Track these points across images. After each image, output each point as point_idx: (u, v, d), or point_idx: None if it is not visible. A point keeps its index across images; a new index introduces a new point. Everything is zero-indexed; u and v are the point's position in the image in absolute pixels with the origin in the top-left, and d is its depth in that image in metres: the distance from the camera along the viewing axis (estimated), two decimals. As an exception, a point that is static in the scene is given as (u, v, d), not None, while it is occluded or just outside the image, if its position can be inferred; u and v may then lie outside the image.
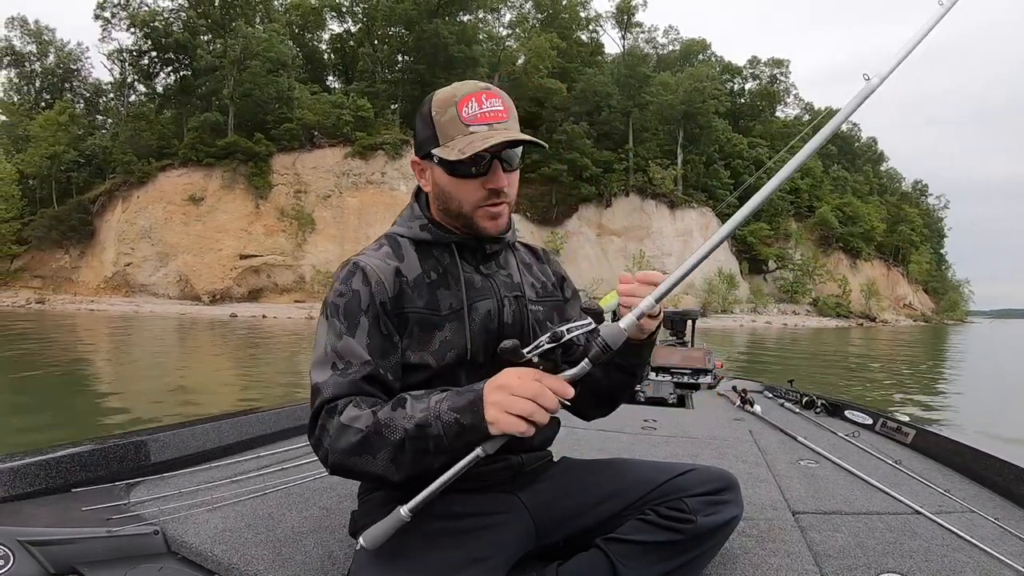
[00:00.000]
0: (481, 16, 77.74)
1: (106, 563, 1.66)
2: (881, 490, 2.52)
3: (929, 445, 3.16)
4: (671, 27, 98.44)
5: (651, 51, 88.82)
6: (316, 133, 62.80)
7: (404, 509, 1.26)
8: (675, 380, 5.84)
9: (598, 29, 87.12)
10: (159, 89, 71.69)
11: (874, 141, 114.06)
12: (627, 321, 1.28)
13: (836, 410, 4.27)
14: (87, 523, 1.79)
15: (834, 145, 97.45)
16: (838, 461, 2.98)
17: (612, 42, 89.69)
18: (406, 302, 1.50)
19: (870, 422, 3.83)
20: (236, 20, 65.00)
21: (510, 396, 1.22)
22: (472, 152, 1.40)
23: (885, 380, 17.39)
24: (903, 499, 2.38)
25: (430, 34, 66.66)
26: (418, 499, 1.25)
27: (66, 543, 1.66)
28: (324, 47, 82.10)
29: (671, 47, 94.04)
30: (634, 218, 70.53)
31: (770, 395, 5.23)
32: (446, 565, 1.37)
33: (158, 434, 2.53)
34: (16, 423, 8.92)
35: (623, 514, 1.56)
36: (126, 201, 60.05)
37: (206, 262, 58.29)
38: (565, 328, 1.29)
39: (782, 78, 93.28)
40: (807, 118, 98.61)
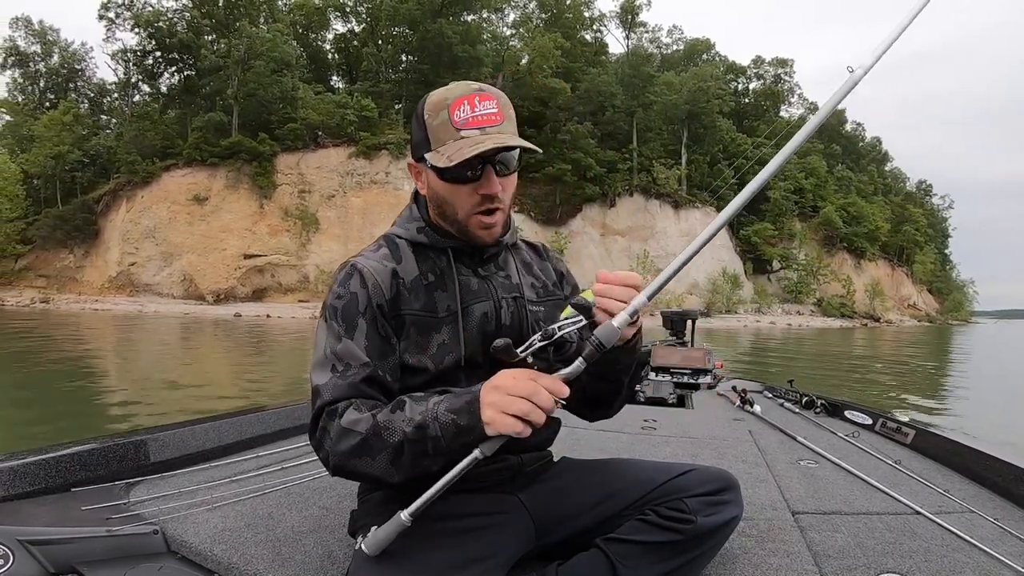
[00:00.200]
0: (485, 16, 77.80)
1: (106, 562, 1.67)
2: (881, 490, 2.53)
3: (929, 445, 3.17)
4: (675, 27, 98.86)
5: (655, 51, 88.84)
6: (320, 133, 62.91)
7: (405, 514, 1.27)
8: (675, 380, 5.83)
9: (602, 29, 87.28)
10: (163, 89, 71.94)
11: (878, 141, 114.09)
12: (621, 319, 1.27)
13: (836, 410, 4.27)
14: (87, 522, 1.80)
15: (838, 145, 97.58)
16: (838, 461, 2.99)
17: (616, 42, 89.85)
18: (403, 304, 1.50)
19: (870, 422, 3.83)
20: (240, 20, 65.10)
21: (506, 396, 1.23)
22: (460, 159, 1.39)
23: (890, 382, 17.36)
24: (903, 499, 2.39)
25: (434, 34, 66.72)
26: (418, 503, 1.27)
27: (66, 542, 1.66)
28: (328, 47, 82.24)
29: (675, 47, 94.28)
30: (638, 218, 70.53)
31: (770, 395, 5.23)
32: (446, 565, 1.36)
33: (158, 434, 2.54)
34: (18, 421, 8.95)
35: (623, 514, 1.56)
36: (130, 201, 60.17)
37: (210, 262, 58.41)
38: (556, 326, 1.30)
39: (786, 78, 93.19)
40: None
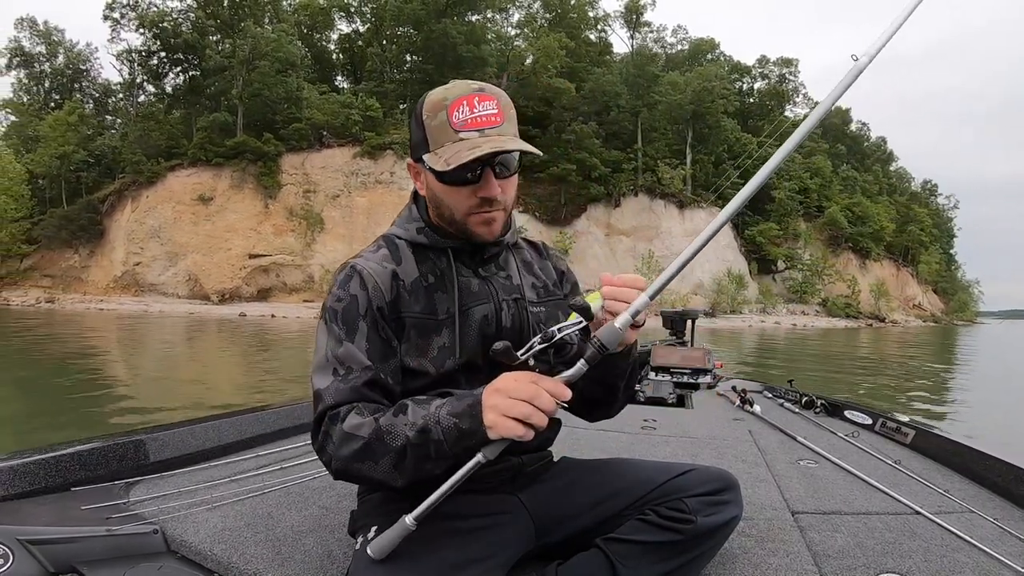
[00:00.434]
0: (489, 16, 77.92)
1: (106, 562, 1.67)
2: (880, 490, 2.53)
3: (929, 445, 3.17)
4: (680, 26, 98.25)
5: (660, 50, 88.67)
6: (325, 133, 63.00)
7: (409, 518, 1.27)
8: (674, 380, 5.83)
9: (607, 29, 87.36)
10: (168, 89, 72.09)
11: (883, 141, 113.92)
12: (622, 320, 1.26)
13: (836, 410, 4.27)
14: (87, 522, 1.80)
15: (844, 145, 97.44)
16: (838, 461, 2.99)
17: (621, 42, 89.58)
18: (403, 306, 1.50)
19: (870, 422, 3.83)
20: (245, 20, 65.32)
21: (507, 399, 1.22)
22: (457, 164, 1.38)
23: (895, 383, 17.28)
24: (902, 499, 2.39)
25: (438, 34, 66.82)
26: (422, 507, 1.27)
27: (66, 542, 1.67)
28: (333, 47, 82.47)
29: (680, 46, 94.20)
30: (643, 218, 70.50)
31: (770, 395, 5.23)
32: (446, 565, 1.36)
33: (157, 433, 2.54)
34: (20, 421, 8.97)
35: (623, 514, 1.56)
36: (135, 201, 60.33)
37: (215, 262, 58.55)
38: (556, 328, 1.30)
39: (791, 77, 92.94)
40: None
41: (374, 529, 1.35)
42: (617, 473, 1.67)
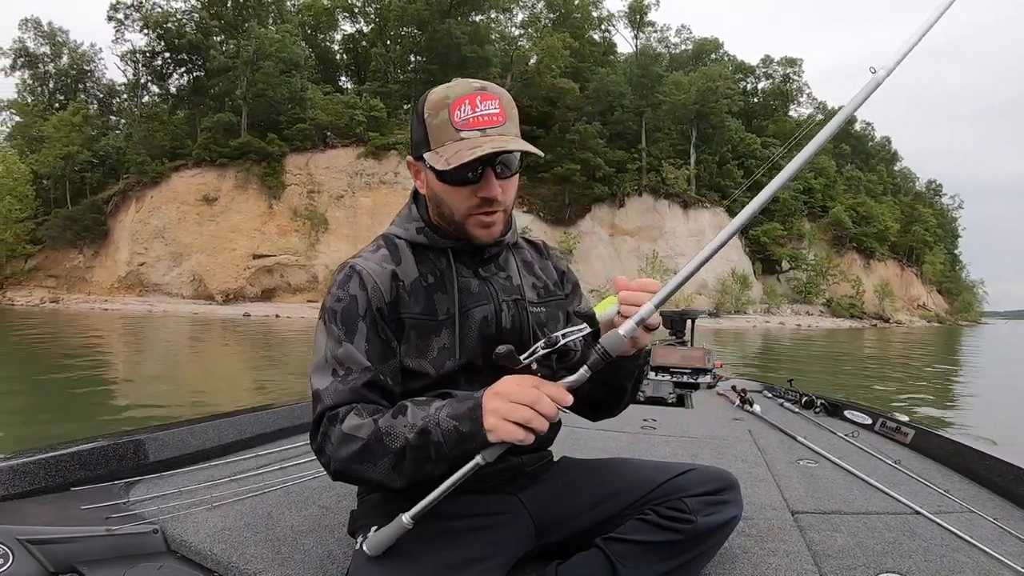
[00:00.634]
0: (493, 16, 77.98)
1: (105, 562, 1.67)
2: (880, 490, 2.53)
3: (928, 445, 3.17)
4: (683, 26, 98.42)
5: (664, 50, 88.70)
6: (329, 133, 63.13)
7: (406, 517, 1.27)
8: (674, 380, 5.85)
9: (610, 28, 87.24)
10: (172, 90, 72.39)
11: (888, 140, 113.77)
12: (627, 327, 1.26)
13: (835, 410, 4.27)
14: (86, 522, 1.80)
15: (848, 144, 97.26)
16: (837, 461, 2.99)
17: (625, 41, 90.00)
18: (403, 307, 1.49)
19: (869, 422, 3.84)
20: (249, 21, 65.47)
21: (508, 403, 1.22)
22: (458, 163, 1.37)
23: (900, 384, 17.22)
24: (902, 499, 2.39)
25: (442, 34, 66.88)
26: (419, 507, 1.27)
27: (66, 542, 1.66)
28: (336, 47, 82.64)
29: (683, 46, 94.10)
30: (647, 218, 70.42)
31: (769, 395, 5.23)
32: (446, 565, 1.36)
33: (157, 433, 2.54)
34: (23, 420, 8.98)
35: (623, 514, 1.56)
36: (139, 201, 60.48)
37: (219, 262, 58.69)
38: (560, 333, 1.30)
39: (795, 77, 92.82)
40: (820, 117, 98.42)
41: (374, 529, 1.34)
42: (617, 473, 1.67)
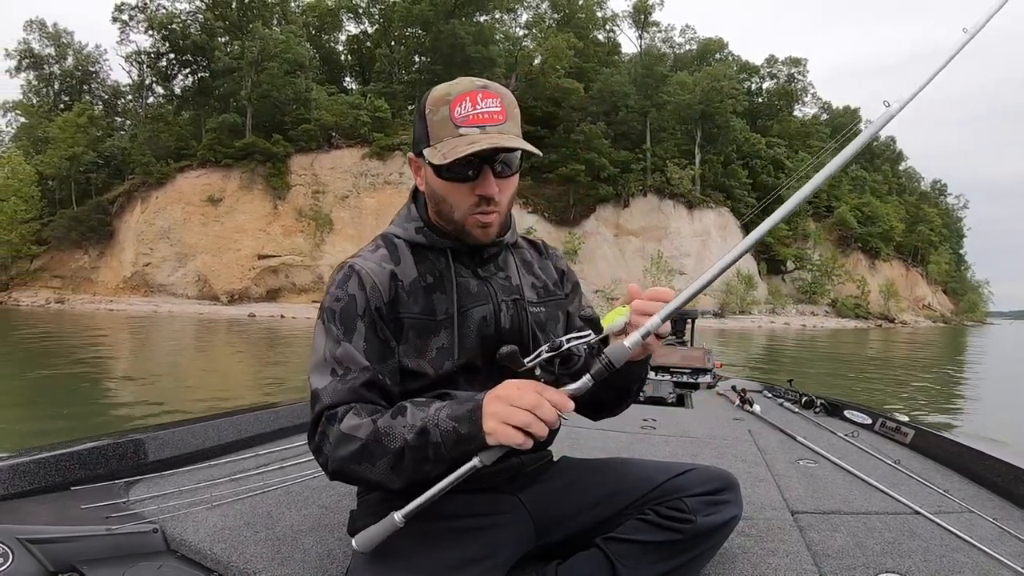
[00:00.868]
0: (498, 16, 77.93)
1: (105, 561, 1.67)
2: (880, 490, 2.53)
3: (928, 445, 3.17)
4: (688, 26, 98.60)
5: (668, 50, 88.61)
6: (334, 134, 63.30)
7: (398, 515, 1.26)
8: (674, 379, 5.87)
9: (615, 29, 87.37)
10: (177, 91, 72.57)
11: (893, 140, 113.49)
12: (632, 339, 1.26)
13: (835, 410, 4.26)
14: (86, 521, 1.80)
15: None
16: (837, 461, 2.99)
17: (629, 41, 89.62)
18: (401, 307, 1.49)
19: (869, 422, 3.83)
20: (253, 22, 65.71)
21: (509, 407, 1.22)
22: (454, 157, 1.36)
23: (904, 386, 17.18)
24: (902, 499, 2.39)
25: (447, 35, 66.90)
26: (412, 505, 1.26)
27: (65, 541, 1.66)
28: (341, 48, 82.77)
29: (688, 46, 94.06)
30: (652, 218, 70.33)
31: (769, 395, 5.22)
32: (445, 565, 1.36)
33: (157, 432, 2.54)
34: (26, 419, 9.02)
35: (623, 514, 1.56)
36: (145, 202, 60.63)
37: (224, 262, 58.82)
38: (565, 338, 1.30)
39: (800, 77, 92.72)
40: (825, 117, 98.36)
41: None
42: (617, 473, 1.66)
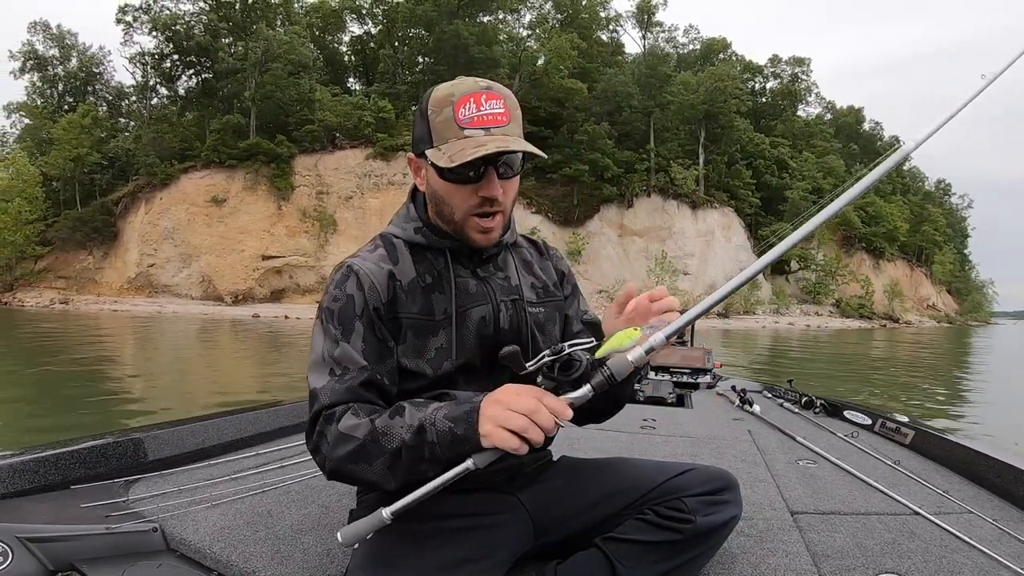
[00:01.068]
0: (501, 17, 77.87)
1: (105, 560, 1.67)
2: (880, 490, 2.53)
3: (928, 446, 3.17)
4: (691, 26, 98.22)
5: (672, 50, 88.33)
6: (337, 135, 63.27)
7: (386, 512, 1.25)
8: (674, 379, 5.85)
9: (618, 29, 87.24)
10: (181, 92, 72.46)
11: (896, 140, 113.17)
12: (636, 354, 1.26)
13: (835, 410, 4.26)
14: (86, 520, 1.80)
15: (857, 144, 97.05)
16: (837, 461, 2.99)
17: (632, 42, 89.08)
18: (400, 307, 1.49)
19: (869, 422, 3.84)
20: (257, 23, 65.64)
21: (506, 411, 1.21)
22: (462, 161, 1.36)
23: (908, 387, 17.11)
24: (902, 500, 2.39)
25: (450, 35, 66.88)
26: (402, 503, 1.25)
27: (65, 540, 1.67)
28: (344, 49, 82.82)
29: (691, 46, 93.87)
30: (656, 218, 70.26)
31: (769, 395, 5.23)
32: (444, 564, 1.36)
33: (157, 431, 2.54)
34: (28, 418, 9.03)
35: (622, 513, 1.56)
36: (149, 203, 60.66)
37: (229, 263, 58.85)
38: (568, 344, 1.30)
39: (803, 77, 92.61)
40: (828, 117, 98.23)
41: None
42: (616, 473, 1.66)
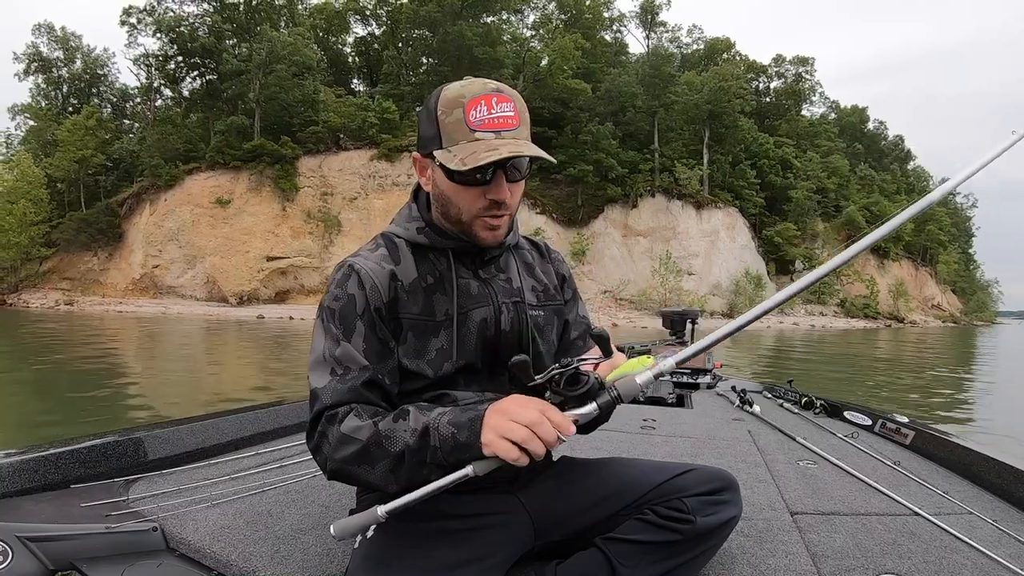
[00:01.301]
0: (505, 17, 77.87)
1: (105, 559, 1.67)
2: (880, 491, 2.53)
3: (928, 446, 3.17)
4: (695, 26, 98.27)
5: (675, 50, 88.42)
6: (342, 136, 63.37)
7: (382, 510, 1.25)
8: (674, 380, 5.81)
9: (622, 29, 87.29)
10: (185, 93, 72.61)
11: (901, 139, 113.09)
12: (644, 377, 1.28)
13: (835, 411, 4.26)
14: (86, 519, 1.80)
15: (861, 144, 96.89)
16: (837, 462, 2.98)
17: (636, 42, 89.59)
18: (401, 308, 1.48)
19: (869, 423, 3.83)
20: (261, 24, 65.84)
21: (509, 421, 1.22)
22: (474, 165, 1.36)
23: (911, 388, 17.06)
24: (902, 500, 2.39)
25: (454, 36, 66.87)
26: (397, 503, 1.25)
27: (65, 539, 1.67)
28: (348, 50, 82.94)
29: (695, 46, 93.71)
30: (660, 219, 70.12)
31: (769, 395, 5.22)
32: (445, 564, 1.36)
33: (157, 431, 2.55)
34: (31, 416, 9.04)
35: (622, 514, 1.56)
36: (153, 204, 60.75)
37: (233, 264, 58.92)
38: (576, 359, 1.30)
39: (807, 76, 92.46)
40: (833, 116, 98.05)
41: (372, 528, 1.31)
42: (616, 473, 1.66)
